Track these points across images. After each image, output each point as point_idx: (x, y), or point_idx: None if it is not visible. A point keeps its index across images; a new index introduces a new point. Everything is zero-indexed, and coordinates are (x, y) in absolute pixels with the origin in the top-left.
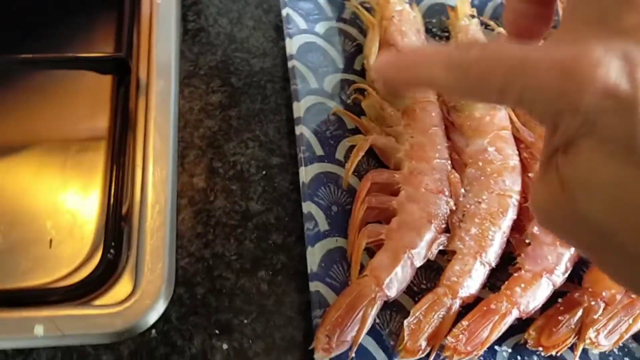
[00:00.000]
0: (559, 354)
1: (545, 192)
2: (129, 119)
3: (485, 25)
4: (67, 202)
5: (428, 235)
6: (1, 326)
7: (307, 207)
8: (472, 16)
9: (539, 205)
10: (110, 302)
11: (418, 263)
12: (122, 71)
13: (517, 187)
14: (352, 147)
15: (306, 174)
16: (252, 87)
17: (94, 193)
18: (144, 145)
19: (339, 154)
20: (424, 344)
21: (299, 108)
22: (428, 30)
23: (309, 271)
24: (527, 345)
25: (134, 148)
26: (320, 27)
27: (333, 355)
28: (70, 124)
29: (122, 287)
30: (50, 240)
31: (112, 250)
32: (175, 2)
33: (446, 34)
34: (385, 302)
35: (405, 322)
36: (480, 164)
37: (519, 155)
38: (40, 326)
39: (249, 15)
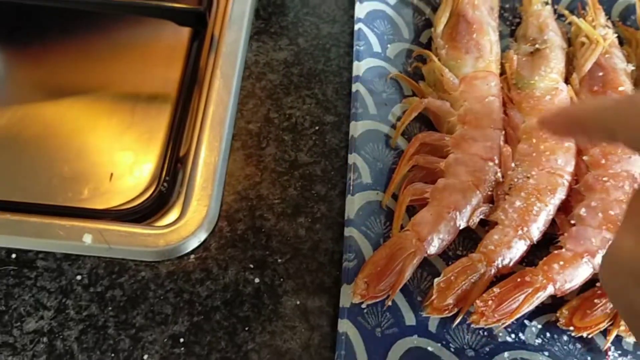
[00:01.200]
0: (590, 337)
1: (630, 239)
2: (198, 73)
3: (558, 16)
4: (131, 142)
5: (474, 199)
6: (55, 231)
7: (353, 158)
8: (546, 3)
9: (617, 254)
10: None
11: (461, 225)
12: (199, 24)
13: (570, 168)
14: (406, 110)
15: (356, 128)
16: (317, 49)
17: (157, 136)
18: (207, 90)
19: (392, 116)
20: (451, 303)
21: (359, 67)
22: (500, 15)
23: (345, 217)
24: (558, 324)
25: (199, 96)
26: None
27: (370, 302)
28: (145, 71)
29: (171, 217)
30: (111, 174)
31: (165, 184)
32: None
33: (517, 20)
34: (424, 259)
35: (436, 280)
36: (534, 140)
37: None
38: (89, 235)
39: None
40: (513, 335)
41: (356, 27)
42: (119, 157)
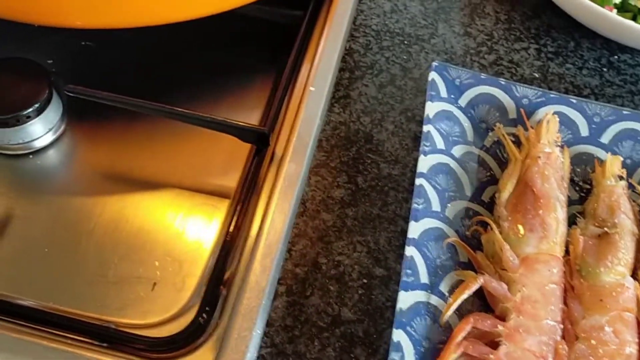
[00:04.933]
0: None
1: None
2: (256, 188)
3: (632, 189)
4: (179, 251)
5: None
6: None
7: (397, 335)
8: (621, 177)
9: None
10: None
11: None
12: (261, 143)
13: None
14: (460, 282)
15: (405, 299)
16: (375, 190)
17: (206, 248)
18: (261, 221)
19: (444, 286)
20: None
21: (415, 229)
22: (570, 179)
23: None
24: None
25: (252, 218)
26: (457, 150)
27: None
28: (203, 176)
29: (203, 354)
30: (154, 284)
31: (204, 315)
32: (327, 92)
33: (588, 186)
34: None
35: None
36: (593, 342)
37: (639, 344)
38: None
39: (391, 119)
40: None
41: (417, 181)
42: (165, 264)
